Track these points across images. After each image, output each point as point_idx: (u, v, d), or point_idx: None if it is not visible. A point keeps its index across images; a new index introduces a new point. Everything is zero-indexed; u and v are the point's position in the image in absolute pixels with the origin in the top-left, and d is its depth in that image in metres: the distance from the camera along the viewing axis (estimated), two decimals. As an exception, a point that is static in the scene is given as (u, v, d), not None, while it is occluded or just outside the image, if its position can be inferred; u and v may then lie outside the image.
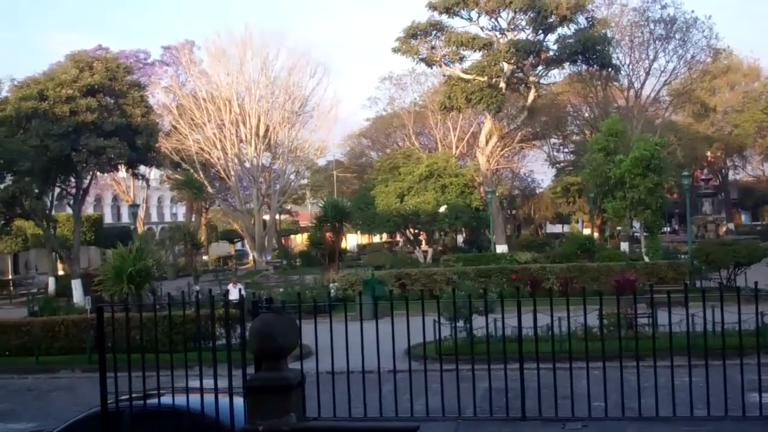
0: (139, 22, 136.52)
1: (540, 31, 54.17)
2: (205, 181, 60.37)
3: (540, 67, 56.94)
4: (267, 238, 62.79)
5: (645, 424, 8.61)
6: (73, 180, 40.15)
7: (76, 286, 37.91)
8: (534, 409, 8.88)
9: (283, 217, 77.67)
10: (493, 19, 55.67)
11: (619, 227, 53.33)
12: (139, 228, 57.69)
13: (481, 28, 56.01)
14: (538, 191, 79.16)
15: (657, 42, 61.93)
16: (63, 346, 23.49)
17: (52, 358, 23.09)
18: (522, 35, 55.06)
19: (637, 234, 48.29)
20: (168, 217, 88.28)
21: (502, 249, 53.32)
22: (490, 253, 48.29)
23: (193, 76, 62.24)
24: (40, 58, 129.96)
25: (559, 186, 66.94)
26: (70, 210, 45.15)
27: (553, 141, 73.68)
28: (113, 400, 9.01)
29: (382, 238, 77.07)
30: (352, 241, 78.67)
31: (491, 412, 9.07)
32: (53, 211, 42.56)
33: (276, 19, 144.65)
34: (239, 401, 8.47)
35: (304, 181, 76.59)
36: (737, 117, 74.48)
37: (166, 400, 9.38)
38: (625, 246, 48.72)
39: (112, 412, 9.01)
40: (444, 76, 59.64)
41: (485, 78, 54.23)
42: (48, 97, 36.19)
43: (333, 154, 77.56)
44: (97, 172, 43.36)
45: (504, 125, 63.09)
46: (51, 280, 45.66)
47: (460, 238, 66.70)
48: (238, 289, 29.15)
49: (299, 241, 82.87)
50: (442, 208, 53.79)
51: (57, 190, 40.96)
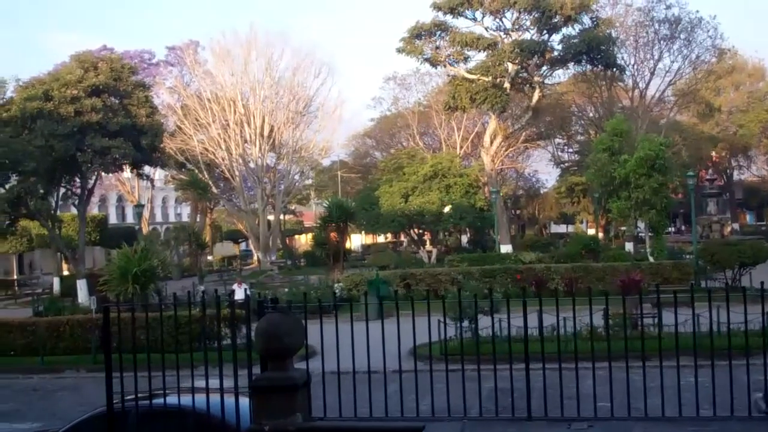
0: (140, 23, 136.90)
1: (544, 31, 54.14)
2: (209, 182, 60.44)
3: (544, 67, 56.92)
4: (271, 238, 62.78)
5: (651, 424, 8.58)
6: (78, 180, 40.23)
7: (81, 286, 37.98)
8: (540, 409, 8.86)
9: (287, 217, 77.67)
10: (497, 19, 55.72)
11: (624, 227, 53.25)
12: (144, 228, 57.79)
13: (486, 29, 56.08)
14: (542, 191, 79.15)
15: (662, 42, 61.86)
16: (68, 346, 23.59)
17: (57, 358, 23.17)
18: (526, 35, 55.10)
19: (641, 234, 48.19)
20: (173, 218, 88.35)
21: (506, 249, 53.31)
22: (495, 254, 48.24)
23: (197, 76, 62.30)
24: (41, 58, 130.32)
25: (564, 186, 66.89)
26: (75, 210, 45.24)
27: (557, 141, 73.61)
28: (119, 400, 9.01)
29: (386, 238, 76.97)
30: (356, 241, 78.67)
31: (497, 412, 9.04)
32: (58, 212, 42.65)
33: (280, 19, 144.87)
34: (245, 401, 8.48)
35: (309, 182, 76.61)
36: (742, 117, 74.35)
37: (171, 400, 9.39)
38: (629, 246, 48.67)
39: (117, 412, 9.02)
40: (448, 76, 59.63)
41: (490, 78, 54.23)
42: (53, 98, 36.26)
43: (337, 154, 77.74)
44: (102, 173, 43.49)
45: (508, 125, 63.07)
46: (56, 281, 45.70)
47: (465, 238, 66.61)
48: (243, 289, 29.22)
49: (304, 241, 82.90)
50: (447, 208, 53.72)
51: (62, 191, 41.07)
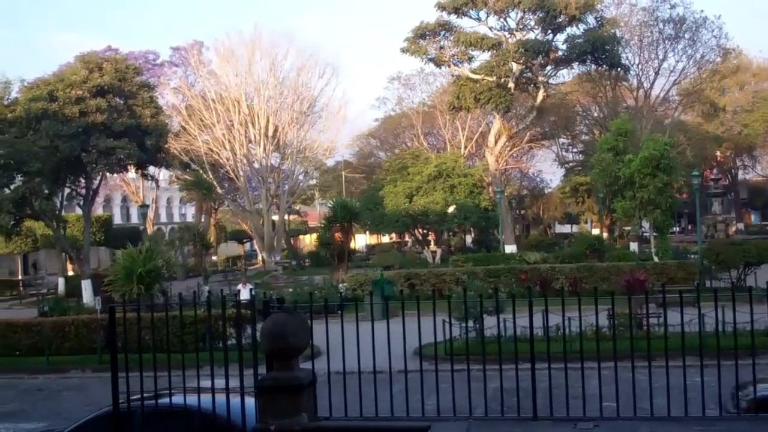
0: (141, 23, 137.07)
1: (549, 30, 54.08)
2: (214, 182, 60.48)
3: (549, 66, 56.85)
4: (276, 238, 62.82)
5: (657, 424, 8.55)
6: (82, 181, 40.28)
7: (86, 286, 38.01)
8: (545, 409, 8.85)
9: (292, 217, 77.69)
10: (501, 19, 55.70)
11: (629, 227, 53.13)
12: (149, 228, 57.82)
13: (490, 28, 56.04)
14: (546, 191, 78.96)
15: (666, 42, 61.76)
16: (73, 346, 23.64)
17: (63, 358, 23.23)
18: (531, 35, 55.03)
19: (646, 234, 48.12)
20: (177, 218, 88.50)
21: (511, 249, 53.25)
22: (499, 253, 48.22)
23: (202, 76, 62.38)
24: (41, 58, 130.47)
25: (568, 186, 66.75)
26: (79, 211, 45.30)
27: (562, 141, 73.47)
28: (125, 400, 9.02)
29: (391, 238, 77.01)
30: (360, 241, 78.65)
31: (502, 412, 9.03)
32: (63, 212, 42.71)
33: (284, 19, 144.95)
34: (250, 401, 8.48)
35: (313, 182, 76.66)
36: (747, 117, 74.21)
37: (177, 400, 9.40)
38: (634, 246, 48.55)
39: (123, 412, 9.02)
40: (453, 76, 59.58)
41: (494, 78, 54.20)
42: (58, 98, 36.31)
43: (342, 154, 77.67)
44: (107, 173, 43.53)
45: (513, 125, 62.98)
46: (61, 281, 45.79)
47: (469, 238, 66.60)
48: (248, 289, 29.24)
49: (308, 241, 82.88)
50: (451, 209, 53.73)
51: (67, 191, 41.13)
